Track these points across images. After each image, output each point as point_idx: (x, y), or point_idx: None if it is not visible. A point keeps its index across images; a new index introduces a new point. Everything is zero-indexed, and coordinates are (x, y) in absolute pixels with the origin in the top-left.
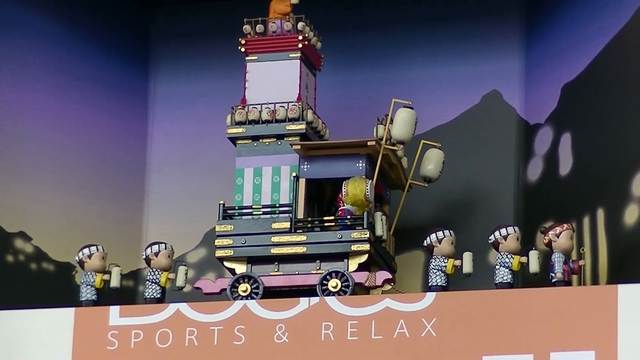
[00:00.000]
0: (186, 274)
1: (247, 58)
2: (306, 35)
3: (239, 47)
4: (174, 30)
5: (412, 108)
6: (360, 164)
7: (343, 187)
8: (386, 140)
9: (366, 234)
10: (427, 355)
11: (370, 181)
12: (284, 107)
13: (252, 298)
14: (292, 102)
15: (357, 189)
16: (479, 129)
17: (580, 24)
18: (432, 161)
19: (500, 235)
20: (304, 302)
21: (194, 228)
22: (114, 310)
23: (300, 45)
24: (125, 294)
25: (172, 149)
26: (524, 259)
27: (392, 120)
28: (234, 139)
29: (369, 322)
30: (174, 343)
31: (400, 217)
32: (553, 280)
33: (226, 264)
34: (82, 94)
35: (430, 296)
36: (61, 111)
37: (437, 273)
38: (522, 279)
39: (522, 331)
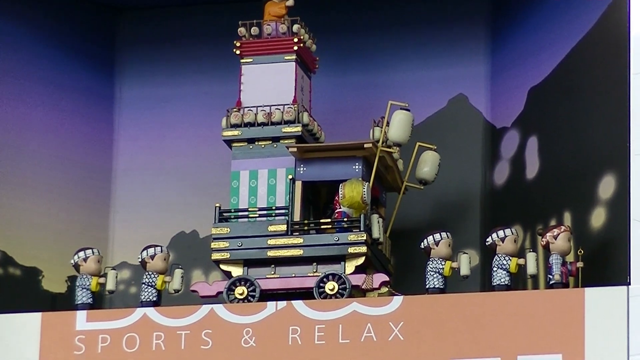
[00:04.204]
0: (182, 277)
1: (242, 60)
2: (301, 37)
3: (234, 50)
4: (139, 35)
5: (408, 110)
6: (357, 167)
7: (340, 190)
8: (382, 142)
9: (363, 236)
10: (395, 359)
11: (367, 183)
12: (279, 109)
13: (249, 301)
14: (288, 104)
15: (354, 191)
16: (446, 133)
17: (546, 28)
18: (428, 163)
19: (498, 237)
20: (271, 306)
21: (161, 233)
22: (81, 314)
23: (295, 48)
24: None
25: (138, 153)
26: (521, 261)
27: (388, 122)
28: (229, 142)
29: (336, 326)
30: (141, 348)
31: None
32: (551, 282)
33: (222, 266)
34: (47, 99)
35: (397, 300)
36: (26, 116)
37: (435, 275)
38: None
39: (490, 335)
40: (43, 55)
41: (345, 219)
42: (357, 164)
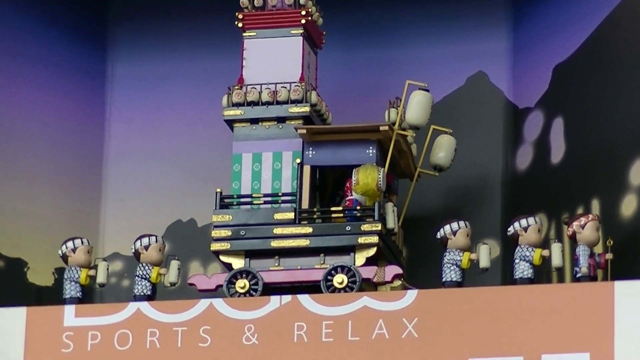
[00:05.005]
0: (179, 268)
1: (244, 34)
2: (309, 10)
3: (236, 22)
4: (133, 7)
5: (427, 90)
6: (371, 151)
7: (353, 176)
8: (398, 125)
9: (378, 226)
10: (408, 358)
11: (382, 169)
12: (286, 87)
13: (251, 295)
14: (295, 82)
15: (368, 177)
16: (464, 114)
17: (572, 0)
18: (444, 148)
19: (520, 226)
20: (274, 301)
21: (156, 221)
22: (69, 309)
23: (303, 21)
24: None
25: (131, 135)
26: (546, 252)
27: (402, 103)
28: (230, 122)
29: (345, 322)
30: (134, 345)
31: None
32: (577, 276)
33: (222, 258)
34: (34, 76)
35: (411, 294)
36: (11, 95)
37: (452, 268)
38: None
39: (511, 332)
40: (27, 29)
41: (357, 207)
42: (371, 148)
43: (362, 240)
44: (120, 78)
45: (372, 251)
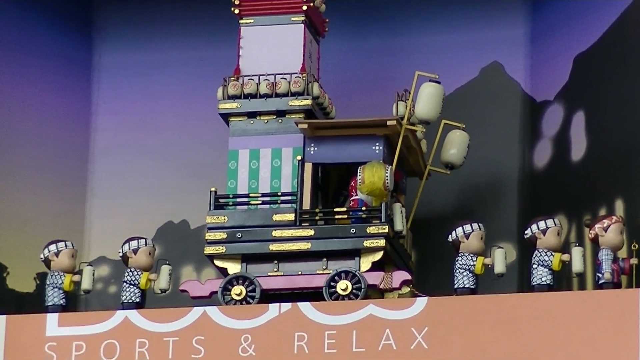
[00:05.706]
0: (170, 274)
1: (241, 21)
2: None
3: (232, 9)
4: None
5: (439, 82)
6: (378, 147)
7: (358, 174)
8: (407, 120)
9: (385, 229)
10: None
11: (389, 167)
12: (285, 79)
13: (248, 302)
14: (296, 73)
15: (375, 175)
16: (478, 107)
17: None
18: (455, 145)
19: (538, 229)
20: (273, 309)
21: (145, 223)
22: (52, 318)
23: (304, 8)
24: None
25: (119, 129)
26: (566, 257)
27: (412, 96)
28: (226, 115)
29: (350, 332)
30: (122, 356)
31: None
32: (600, 282)
33: (217, 262)
34: (16, 66)
35: (421, 302)
36: None
37: (465, 273)
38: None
39: (529, 342)
40: (10, 16)
41: (363, 208)
42: (377, 144)
43: (367, 243)
44: (108, 68)
45: (378, 255)
